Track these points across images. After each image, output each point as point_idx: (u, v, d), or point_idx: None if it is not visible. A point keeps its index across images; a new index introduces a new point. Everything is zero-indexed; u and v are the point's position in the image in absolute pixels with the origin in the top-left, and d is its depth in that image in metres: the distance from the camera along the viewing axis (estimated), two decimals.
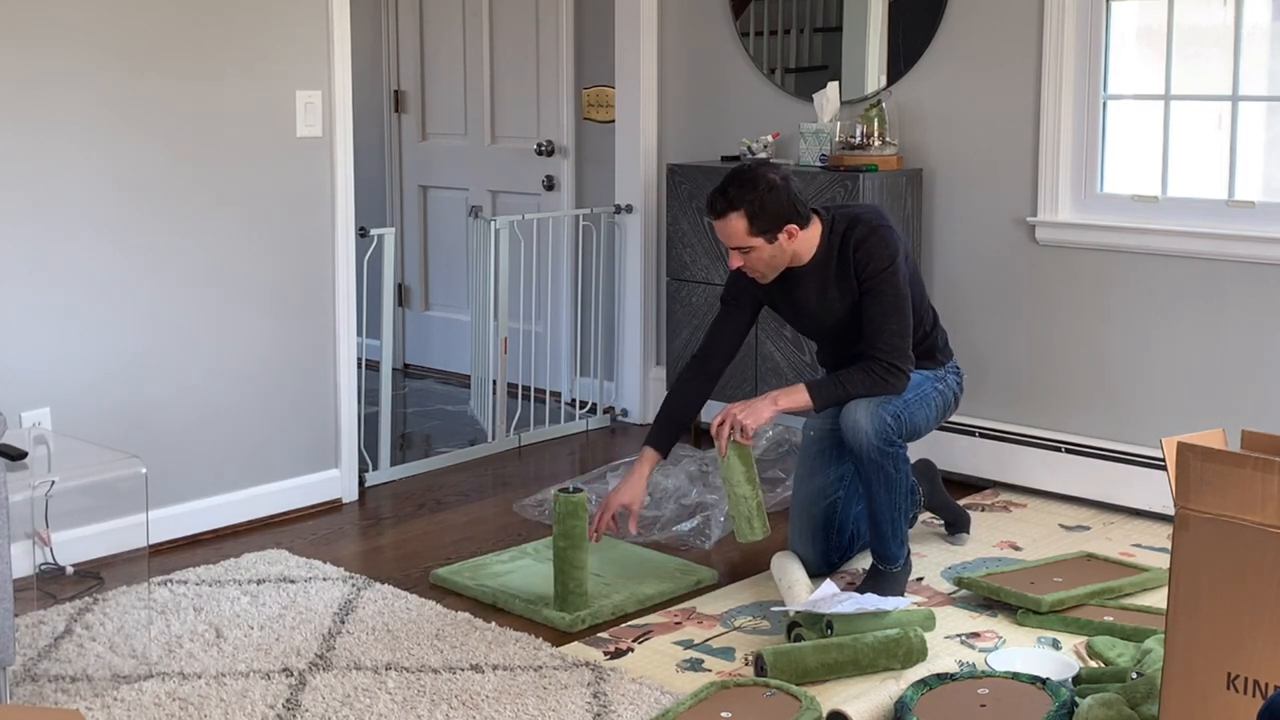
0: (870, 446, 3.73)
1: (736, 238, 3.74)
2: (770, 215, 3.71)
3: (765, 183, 3.70)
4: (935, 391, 3.95)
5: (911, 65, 4.97)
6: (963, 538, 4.36)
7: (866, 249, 3.78)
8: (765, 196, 3.69)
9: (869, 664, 3.39)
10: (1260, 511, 2.56)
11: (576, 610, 3.72)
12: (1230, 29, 4.41)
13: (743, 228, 3.71)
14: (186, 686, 3.32)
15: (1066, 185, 4.68)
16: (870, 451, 3.73)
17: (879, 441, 3.73)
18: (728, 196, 3.71)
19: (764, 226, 3.71)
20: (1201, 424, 4.19)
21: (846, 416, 3.77)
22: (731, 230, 3.73)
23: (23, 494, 3.48)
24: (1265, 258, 4.31)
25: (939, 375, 4.00)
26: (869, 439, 3.72)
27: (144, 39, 4.15)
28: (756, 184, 3.70)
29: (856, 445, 3.75)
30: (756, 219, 3.70)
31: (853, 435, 3.75)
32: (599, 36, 5.81)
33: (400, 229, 6.60)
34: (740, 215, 3.70)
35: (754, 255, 3.77)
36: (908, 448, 3.85)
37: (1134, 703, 3.05)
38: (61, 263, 4.05)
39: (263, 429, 4.53)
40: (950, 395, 4.02)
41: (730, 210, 3.71)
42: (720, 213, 3.72)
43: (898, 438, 3.77)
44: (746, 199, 3.69)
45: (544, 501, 4.71)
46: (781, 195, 3.71)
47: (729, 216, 3.71)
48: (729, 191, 3.71)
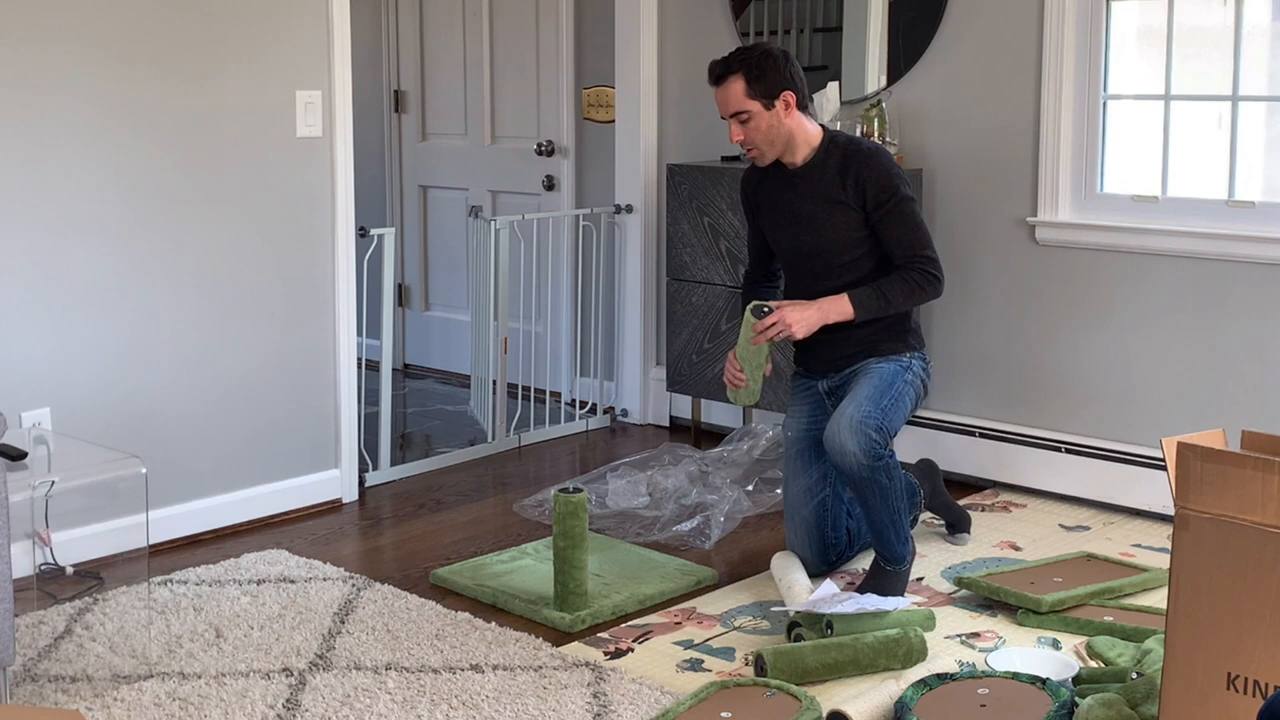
0: (860, 466, 3.70)
1: (735, 101, 3.85)
2: (769, 80, 3.83)
3: (764, 51, 3.88)
4: (906, 385, 3.89)
5: (911, 65, 4.97)
6: (963, 538, 4.35)
7: (876, 166, 3.86)
8: (763, 60, 3.84)
9: (869, 664, 3.39)
10: (1260, 511, 2.56)
11: (577, 610, 3.72)
12: (1230, 29, 4.41)
13: (740, 89, 3.84)
14: (186, 686, 3.33)
15: (1066, 185, 4.68)
16: (861, 471, 3.70)
17: (867, 459, 3.69)
18: (727, 61, 3.86)
19: (761, 90, 3.83)
20: (1201, 424, 4.20)
21: (830, 440, 3.73)
22: (730, 94, 3.85)
23: (23, 494, 3.48)
24: (1265, 258, 4.31)
25: (906, 364, 3.92)
26: (857, 459, 3.69)
27: (144, 39, 4.15)
28: (755, 49, 3.88)
29: (845, 467, 3.72)
30: (754, 81, 3.83)
31: (840, 458, 3.72)
32: (599, 36, 5.81)
33: (400, 229, 6.60)
34: (738, 77, 3.84)
35: (752, 125, 3.86)
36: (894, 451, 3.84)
37: (1134, 703, 3.05)
38: (61, 263, 4.05)
39: (263, 429, 4.53)
40: (919, 385, 3.97)
41: (729, 73, 3.85)
42: (719, 76, 3.87)
43: (884, 450, 3.73)
44: (744, 61, 3.85)
45: (544, 502, 4.72)
46: (780, 64, 3.85)
47: (727, 80, 3.85)
48: (729, 57, 3.87)
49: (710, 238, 5.14)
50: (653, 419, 5.73)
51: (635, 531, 4.43)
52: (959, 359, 4.91)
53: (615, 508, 4.65)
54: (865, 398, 3.78)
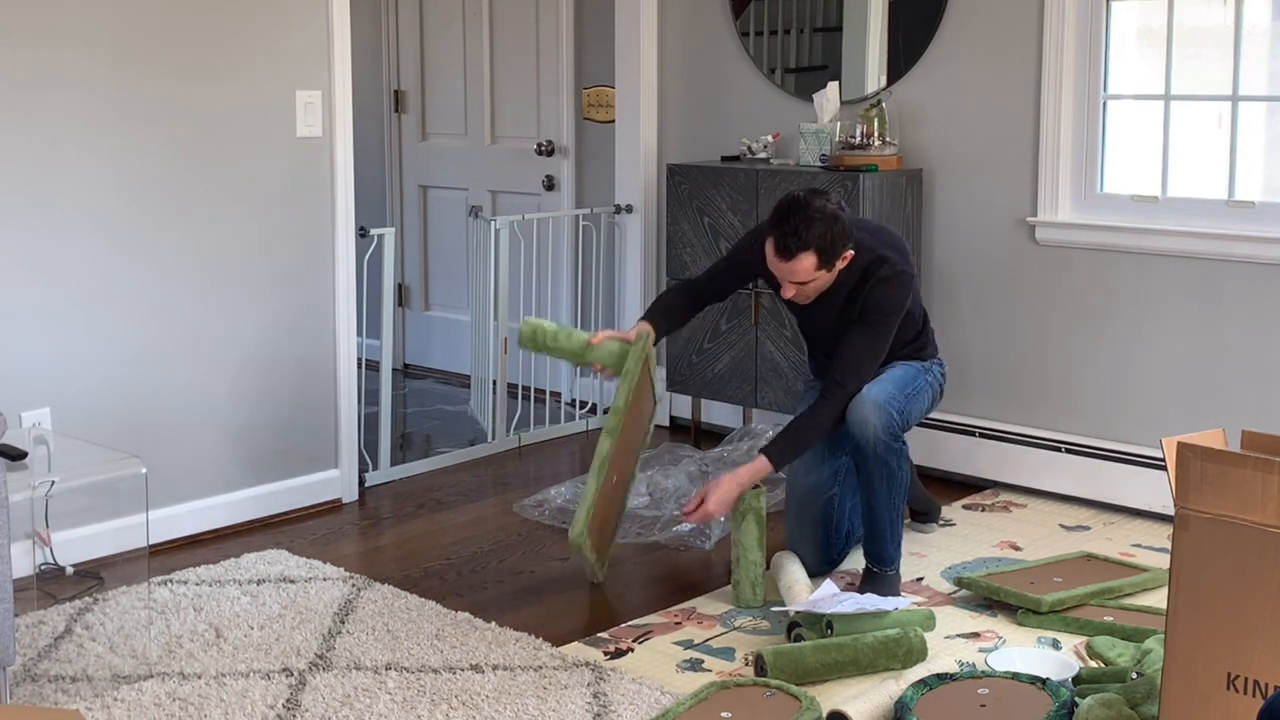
0: (878, 441, 3.75)
1: (804, 274, 3.71)
2: (837, 248, 3.71)
3: (830, 217, 3.67)
4: (926, 384, 4.00)
5: (911, 65, 4.97)
6: (931, 527, 4.41)
7: (884, 292, 3.80)
8: (833, 231, 3.67)
9: (869, 664, 3.39)
10: (1260, 511, 2.56)
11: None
12: (1230, 29, 4.41)
13: (812, 264, 3.69)
14: (186, 686, 3.32)
15: (1066, 185, 4.68)
16: (877, 446, 3.76)
17: (886, 437, 3.76)
18: (800, 238, 3.65)
19: (830, 260, 3.71)
20: (1201, 424, 4.20)
21: (854, 412, 3.78)
22: (801, 269, 3.70)
23: (23, 494, 3.47)
24: (1265, 258, 4.31)
25: (926, 367, 4.04)
26: (877, 434, 3.75)
27: (144, 39, 4.15)
28: (825, 219, 3.66)
29: (864, 440, 3.76)
30: (824, 254, 3.69)
31: (860, 430, 3.76)
32: (599, 36, 5.81)
33: (400, 229, 6.60)
34: (811, 254, 3.68)
35: (811, 286, 3.77)
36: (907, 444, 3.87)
37: (1134, 703, 3.05)
38: (61, 263, 4.05)
39: (263, 429, 4.53)
40: (937, 387, 4.08)
41: (802, 250, 3.67)
42: (792, 253, 3.67)
43: (902, 433, 3.81)
44: (818, 237, 3.66)
45: (544, 502, 4.72)
46: (843, 223, 3.70)
47: (799, 256, 3.68)
48: (800, 233, 3.65)
49: (710, 238, 5.14)
50: None
51: (635, 532, 4.43)
52: (959, 359, 4.90)
53: None
54: (890, 383, 3.86)
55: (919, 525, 4.42)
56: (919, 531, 4.39)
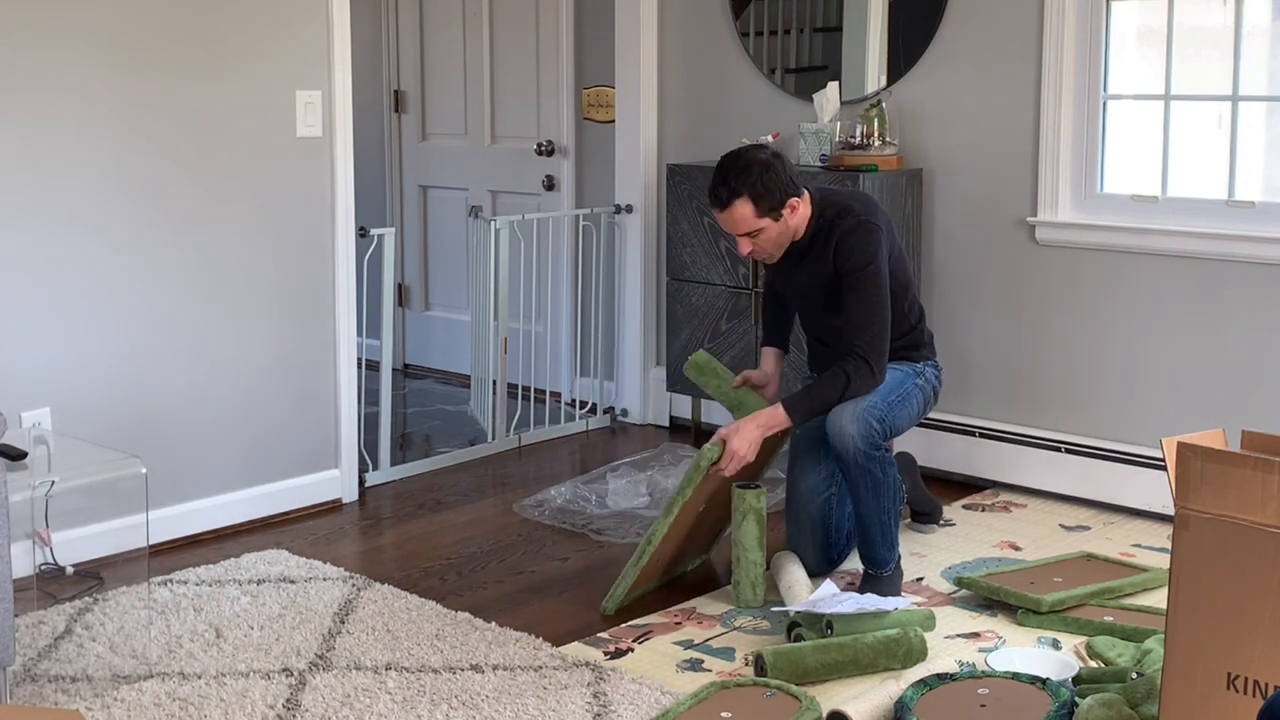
0: (857, 452, 3.72)
1: (745, 223, 3.75)
2: (773, 193, 3.73)
3: (760, 163, 3.74)
4: (916, 388, 3.96)
5: (911, 65, 4.97)
6: (932, 528, 4.41)
7: (850, 243, 3.78)
8: (765, 177, 3.72)
9: (869, 664, 3.39)
10: (1260, 511, 2.56)
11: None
12: (1230, 29, 4.40)
13: (749, 212, 3.73)
14: (186, 686, 3.33)
15: (1066, 185, 4.68)
16: (857, 457, 3.73)
17: (865, 446, 3.72)
18: (729, 185, 3.73)
19: (769, 205, 3.74)
20: (1201, 424, 4.19)
21: (832, 423, 3.76)
22: (738, 217, 3.75)
23: (23, 494, 3.48)
24: (1265, 258, 4.31)
25: (918, 370, 3.99)
26: (855, 444, 3.72)
27: (144, 39, 4.15)
28: (752, 166, 3.73)
29: (843, 450, 3.74)
30: (761, 200, 3.72)
31: (839, 441, 3.74)
32: (599, 36, 5.81)
33: (400, 229, 6.60)
34: (745, 200, 3.72)
35: (762, 237, 3.79)
36: (893, 448, 3.86)
37: (1134, 703, 3.05)
38: (61, 262, 4.05)
39: (263, 429, 4.53)
40: (930, 391, 4.03)
41: (734, 198, 3.72)
42: (725, 202, 3.74)
43: (883, 441, 3.77)
44: (748, 183, 3.72)
45: (544, 502, 4.72)
46: (779, 172, 3.75)
47: (733, 204, 3.73)
48: (729, 180, 3.73)
49: (710, 238, 5.14)
50: (653, 419, 5.73)
51: (635, 532, 4.43)
52: (959, 359, 4.90)
53: (615, 508, 4.65)
54: (874, 391, 3.81)
55: (920, 526, 4.41)
56: (920, 532, 4.39)
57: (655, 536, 3.78)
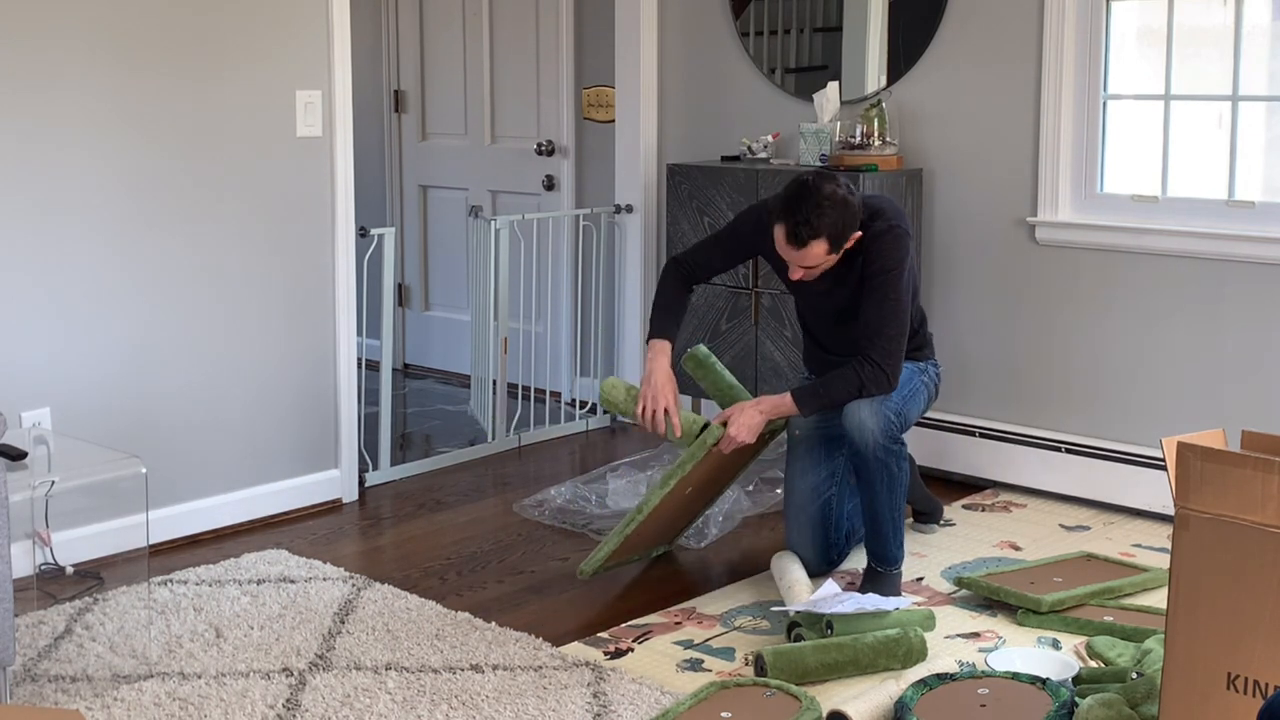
0: (876, 445, 3.74)
1: (814, 259, 3.70)
2: (847, 233, 3.69)
3: (840, 203, 3.65)
4: (922, 385, 3.99)
5: (911, 65, 4.97)
6: (933, 528, 4.41)
7: (879, 246, 3.76)
8: (845, 216, 3.65)
9: (869, 664, 3.39)
10: (1260, 511, 2.56)
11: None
12: (1230, 29, 4.40)
13: (823, 250, 3.68)
14: (186, 686, 3.33)
15: (1066, 185, 4.68)
16: (876, 450, 3.74)
17: (885, 440, 3.74)
18: (811, 225, 3.63)
19: (839, 244, 3.70)
20: (1201, 424, 4.19)
21: (850, 416, 3.77)
22: (812, 255, 3.68)
23: (23, 494, 3.47)
24: (1265, 258, 4.31)
25: (922, 368, 4.02)
26: (875, 438, 3.73)
27: (144, 39, 4.15)
28: (836, 205, 3.64)
29: (863, 444, 3.75)
30: (836, 241, 3.68)
31: (859, 434, 3.75)
32: (599, 36, 5.81)
33: (400, 229, 6.60)
34: (823, 241, 3.66)
35: (820, 267, 3.75)
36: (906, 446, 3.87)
37: (1134, 703, 3.05)
38: (61, 263, 4.05)
39: (263, 429, 4.53)
40: (933, 388, 4.06)
41: (814, 238, 3.65)
42: (804, 241, 3.65)
43: (900, 434, 3.80)
44: (829, 224, 3.64)
45: (544, 502, 4.72)
46: (853, 207, 3.68)
47: (811, 244, 3.66)
48: (811, 220, 3.63)
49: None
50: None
51: None
52: (959, 359, 4.90)
53: (615, 508, 4.66)
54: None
55: (921, 526, 4.42)
56: (921, 532, 4.39)
57: (646, 507, 3.82)
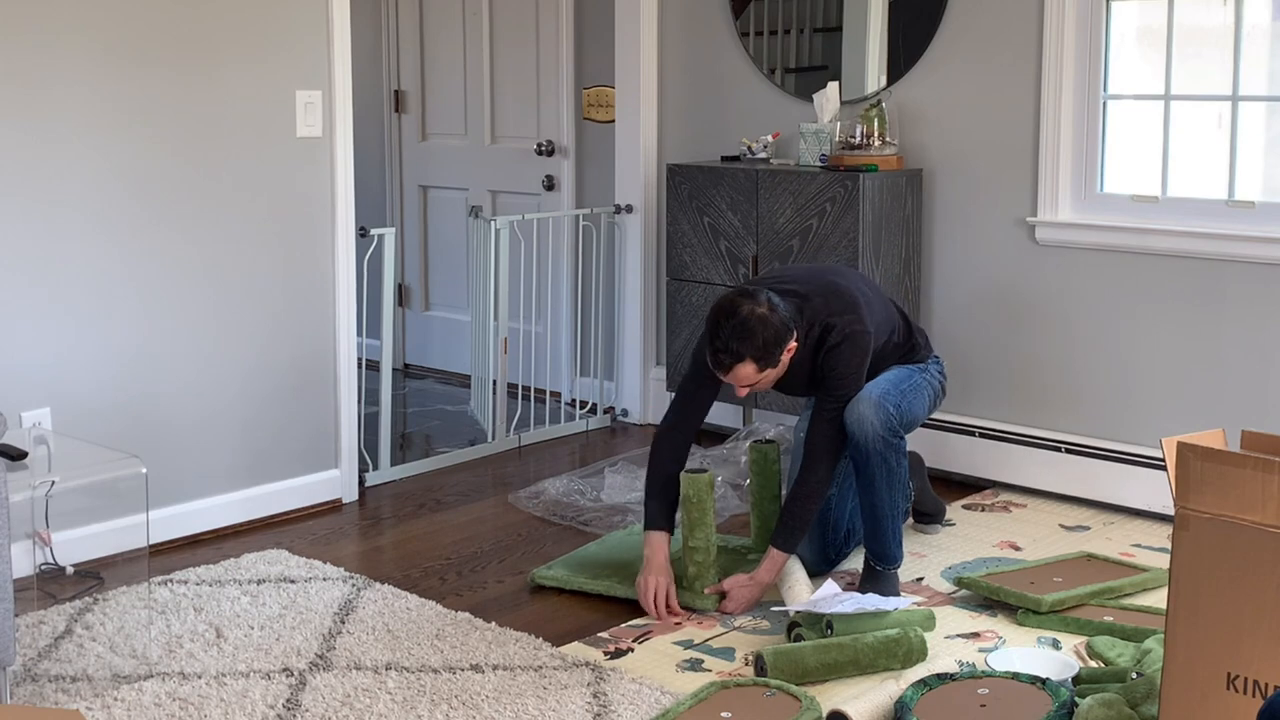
0: (876, 438, 3.74)
1: (746, 379, 3.73)
2: (773, 350, 3.70)
3: (758, 321, 3.65)
4: (925, 383, 3.99)
5: (911, 65, 4.97)
6: (935, 528, 4.41)
7: (836, 359, 3.79)
8: (765, 335, 3.66)
9: (869, 664, 3.39)
10: (1260, 511, 2.56)
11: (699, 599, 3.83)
12: (1230, 29, 4.40)
13: (752, 370, 3.71)
14: (186, 686, 3.33)
15: (1066, 185, 4.68)
16: (876, 443, 3.74)
17: (885, 433, 3.74)
18: (731, 351, 3.67)
19: (770, 361, 3.71)
20: (1201, 424, 4.20)
21: (851, 411, 3.77)
22: (741, 376, 3.72)
23: (23, 494, 3.48)
24: (1265, 258, 4.31)
25: (922, 367, 4.02)
26: (875, 430, 3.73)
27: (144, 39, 4.15)
28: (753, 327, 3.64)
29: (863, 437, 3.75)
30: (763, 359, 3.69)
31: (858, 428, 3.75)
32: (599, 36, 5.81)
33: (400, 229, 6.60)
34: (748, 362, 3.68)
35: (762, 382, 3.78)
36: (907, 443, 3.87)
37: (1134, 703, 3.05)
38: (62, 263, 4.05)
39: (263, 429, 4.53)
40: (937, 385, 4.06)
41: (737, 362, 3.68)
42: (727, 367, 3.70)
43: (901, 429, 3.80)
44: (751, 346, 3.66)
45: (539, 494, 4.73)
46: (774, 324, 3.67)
47: (736, 368, 3.70)
48: (731, 346, 3.66)
49: (710, 238, 5.14)
50: (653, 419, 5.73)
51: (624, 525, 4.45)
52: (959, 359, 4.90)
53: (609, 501, 4.67)
54: (887, 382, 3.86)
55: (924, 526, 4.41)
56: (924, 532, 4.39)
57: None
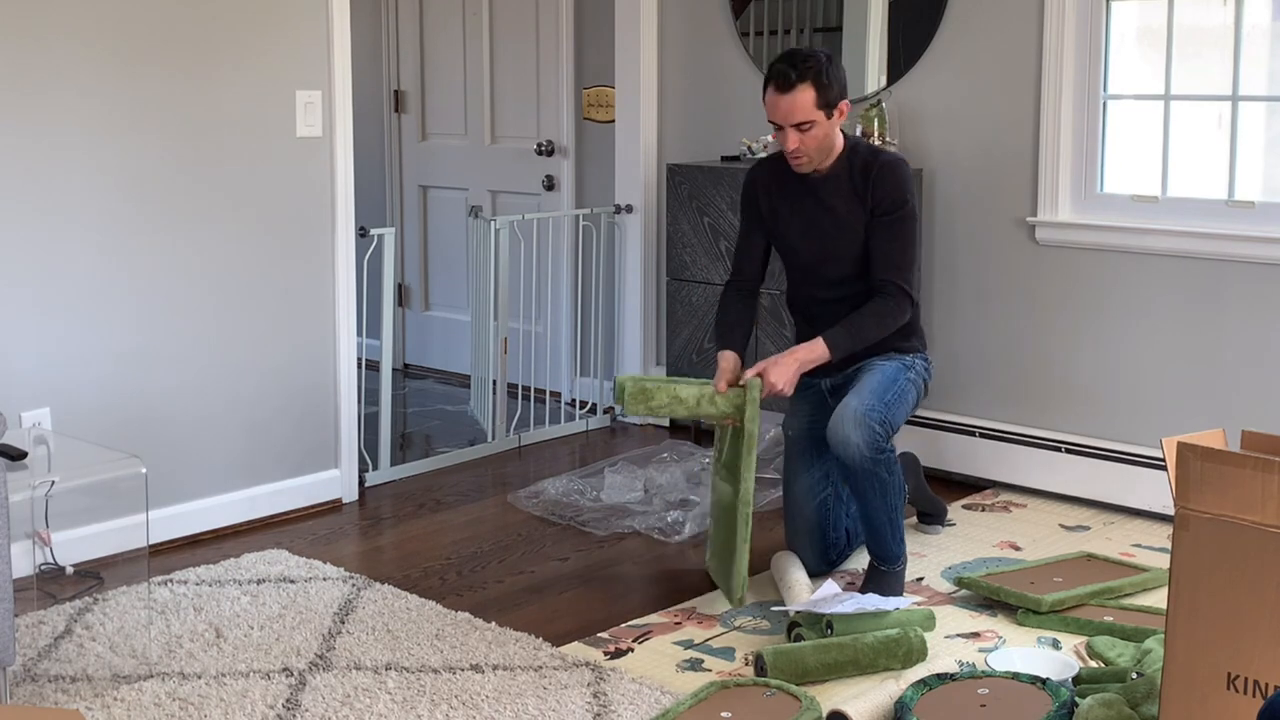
0: (863, 459, 3.71)
1: (802, 111, 3.73)
2: (833, 87, 3.74)
3: (826, 56, 3.76)
4: (909, 383, 3.92)
5: (911, 65, 4.97)
6: (937, 529, 4.40)
7: (890, 178, 3.80)
8: (829, 68, 3.73)
9: (869, 664, 3.39)
10: (1260, 511, 2.56)
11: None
12: (1230, 29, 4.40)
13: (810, 99, 3.71)
14: (186, 686, 3.33)
15: (1066, 185, 4.68)
16: (864, 463, 3.71)
17: (870, 451, 3.70)
18: (797, 69, 3.70)
19: (829, 98, 3.74)
20: (1201, 424, 4.20)
21: (834, 432, 3.73)
22: (799, 104, 3.72)
23: (23, 494, 3.48)
24: (1265, 258, 4.31)
25: (909, 364, 3.94)
26: (860, 451, 3.70)
27: (143, 39, 4.15)
28: (819, 57, 3.75)
29: (848, 459, 3.72)
30: (823, 90, 3.72)
31: (843, 449, 3.72)
32: (599, 36, 5.81)
33: (400, 229, 6.60)
34: (808, 86, 3.70)
35: (811, 134, 3.76)
36: (895, 448, 3.85)
37: (1134, 703, 3.05)
38: (61, 263, 4.05)
39: (263, 429, 4.53)
40: (921, 384, 4.00)
41: (800, 82, 3.70)
42: (790, 85, 3.70)
43: (886, 443, 3.75)
44: (814, 70, 3.71)
45: (539, 494, 4.73)
46: (841, 73, 3.77)
47: (798, 89, 3.70)
48: (797, 64, 3.71)
49: (710, 238, 5.14)
50: (652, 419, 5.73)
51: (622, 525, 4.46)
52: (959, 359, 4.90)
53: (609, 501, 4.67)
54: (869, 392, 3.79)
55: (925, 527, 4.41)
56: (926, 533, 4.38)
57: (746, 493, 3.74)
